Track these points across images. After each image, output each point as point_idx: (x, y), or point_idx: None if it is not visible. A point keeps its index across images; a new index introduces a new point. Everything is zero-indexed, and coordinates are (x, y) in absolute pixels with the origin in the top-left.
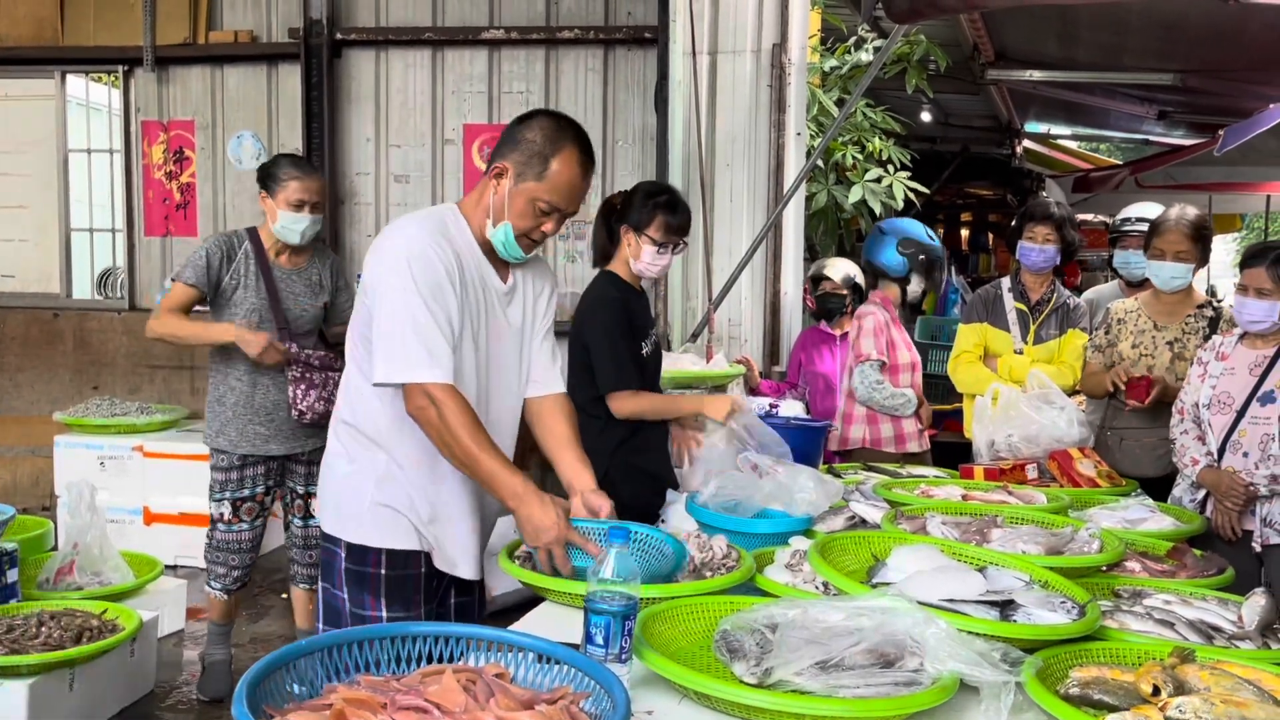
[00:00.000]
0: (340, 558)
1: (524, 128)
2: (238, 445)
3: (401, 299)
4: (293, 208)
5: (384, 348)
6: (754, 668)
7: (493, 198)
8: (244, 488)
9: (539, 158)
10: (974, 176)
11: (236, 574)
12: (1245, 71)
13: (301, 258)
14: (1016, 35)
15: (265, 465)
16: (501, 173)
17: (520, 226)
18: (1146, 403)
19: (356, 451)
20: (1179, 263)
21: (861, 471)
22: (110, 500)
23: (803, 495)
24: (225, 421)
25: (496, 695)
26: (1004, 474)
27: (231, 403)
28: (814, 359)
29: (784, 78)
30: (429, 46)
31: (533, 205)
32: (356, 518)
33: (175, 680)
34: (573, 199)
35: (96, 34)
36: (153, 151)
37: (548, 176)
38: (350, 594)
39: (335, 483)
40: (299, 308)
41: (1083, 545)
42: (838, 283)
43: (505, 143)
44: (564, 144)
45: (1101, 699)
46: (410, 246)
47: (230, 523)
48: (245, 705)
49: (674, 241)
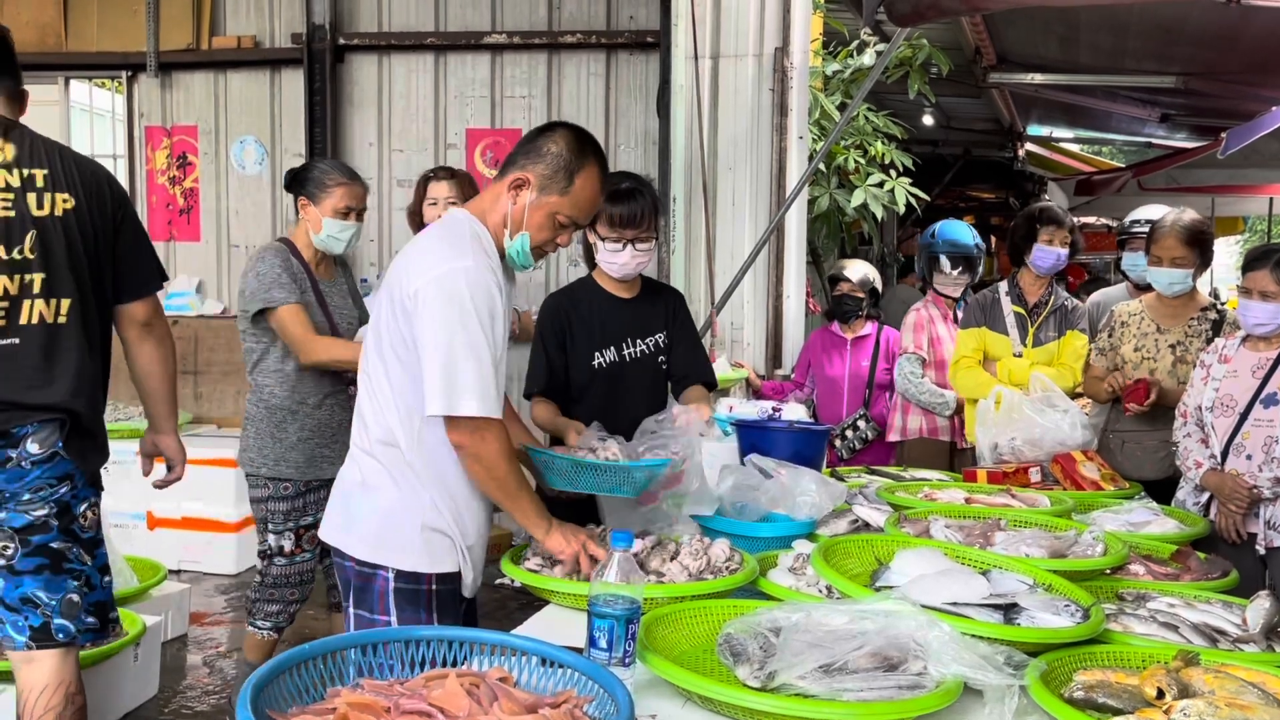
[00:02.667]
0: (387, 581)
1: (546, 140)
2: (304, 472)
3: (463, 333)
4: (339, 215)
5: (443, 377)
6: (757, 671)
7: (511, 208)
8: (307, 514)
9: (564, 173)
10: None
11: (294, 608)
12: (1247, 74)
13: (332, 269)
14: (1018, 38)
15: (326, 489)
16: (522, 184)
17: (539, 239)
18: (1145, 405)
19: (403, 475)
20: (1176, 269)
21: (864, 475)
22: (114, 505)
23: (805, 499)
24: (288, 447)
25: (500, 699)
26: (1007, 477)
27: (296, 428)
28: (823, 363)
29: (786, 82)
30: (431, 51)
31: (553, 219)
32: (406, 545)
33: (178, 685)
34: (591, 214)
35: (100, 39)
36: (156, 157)
37: (571, 192)
38: (401, 615)
39: (377, 509)
40: (345, 321)
41: (1086, 548)
42: (855, 284)
43: (526, 154)
44: (588, 160)
45: (1106, 702)
46: (470, 280)
47: (293, 555)
48: (250, 709)
49: (625, 236)
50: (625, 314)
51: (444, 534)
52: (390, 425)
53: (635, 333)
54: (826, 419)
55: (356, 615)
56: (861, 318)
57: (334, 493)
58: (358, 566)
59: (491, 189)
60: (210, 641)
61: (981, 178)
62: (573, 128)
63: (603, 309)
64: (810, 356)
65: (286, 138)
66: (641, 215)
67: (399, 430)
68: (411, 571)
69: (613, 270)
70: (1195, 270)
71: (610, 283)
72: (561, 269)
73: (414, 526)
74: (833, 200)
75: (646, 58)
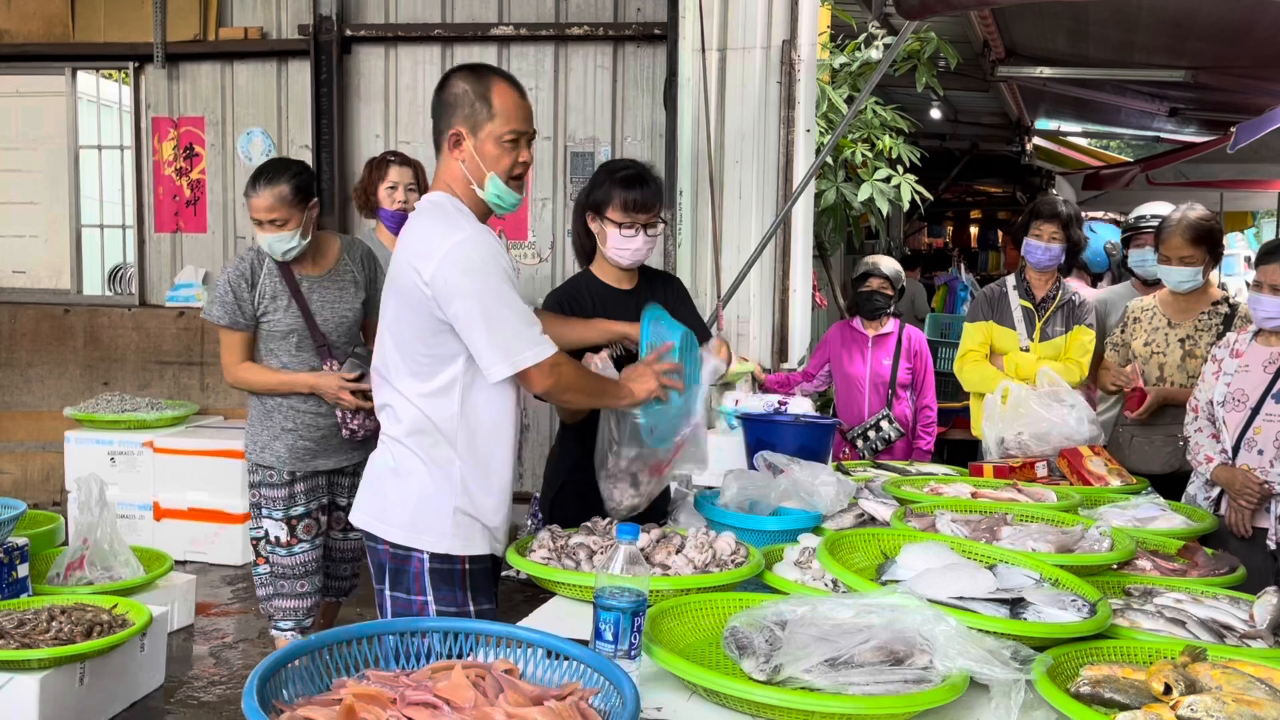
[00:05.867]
0: (423, 563)
1: (446, 91)
2: (286, 462)
3: (490, 294)
4: (259, 227)
5: (492, 343)
6: (763, 664)
7: (465, 165)
8: (296, 504)
9: (480, 101)
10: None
11: (310, 604)
12: (1257, 68)
13: (327, 259)
14: (1027, 32)
15: (314, 480)
16: (458, 137)
17: (501, 168)
18: (1139, 413)
19: (435, 462)
20: (1185, 267)
21: (870, 469)
22: (120, 495)
23: (826, 490)
24: (273, 437)
25: (506, 691)
26: (1014, 472)
27: (279, 419)
28: (843, 359)
29: (794, 74)
30: (438, 43)
31: (500, 144)
32: (439, 529)
33: (184, 675)
34: (528, 118)
35: (107, 30)
36: (163, 148)
37: (495, 110)
38: (438, 594)
39: (410, 494)
40: (337, 316)
41: (1093, 543)
42: (887, 280)
43: (440, 114)
44: (489, 78)
45: (1113, 697)
46: (474, 247)
47: (290, 545)
48: (256, 700)
49: (639, 221)
50: (630, 304)
51: (474, 518)
52: (417, 414)
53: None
54: (846, 418)
55: (393, 597)
56: (887, 315)
57: (365, 479)
58: (392, 550)
59: (441, 164)
60: (216, 632)
61: (989, 172)
62: (462, 66)
63: (606, 302)
64: (829, 352)
65: (293, 129)
66: (653, 200)
67: (429, 417)
68: (445, 554)
69: (623, 257)
70: (1205, 266)
71: (612, 275)
72: (569, 266)
73: (446, 512)
74: (839, 194)
75: (654, 50)
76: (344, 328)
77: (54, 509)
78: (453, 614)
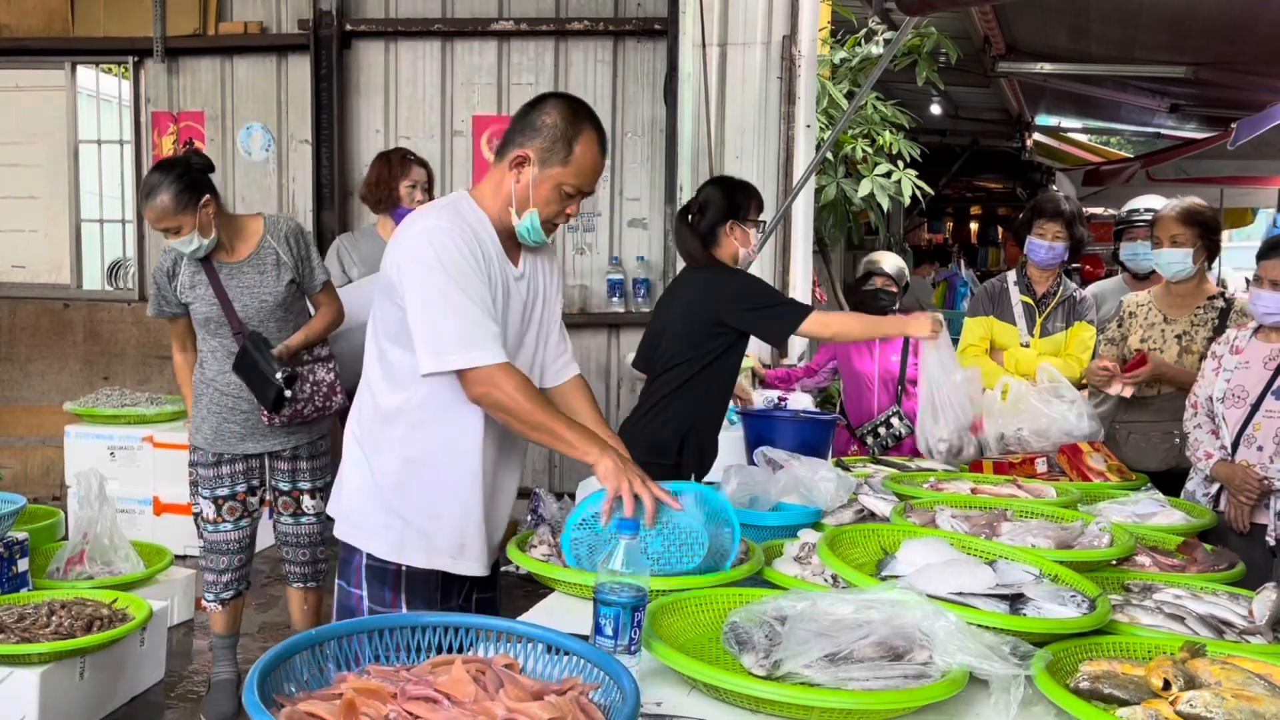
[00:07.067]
0: (361, 554)
1: (539, 113)
2: (213, 444)
3: (436, 286)
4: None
5: (426, 336)
6: (763, 660)
7: (514, 187)
8: (222, 485)
9: (563, 143)
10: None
11: (226, 579)
12: (1258, 64)
13: (245, 245)
14: (1027, 28)
15: (244, 463)
16: (523, 161)
17: (547, 213)
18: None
19: (377, 459)
20: (1176, 248)
21: (870, 465)
22: (120, 490)
23: (827, 485)
24: (202, 419)
25: (506, 686)
26: (1013, 468)
27: (206, 401)
28: (852, 357)
29: (794, 70)
30: (438, 38)
31: (559, 190)
32: (368, 526)
33: (185, 669)
34: (595, 180)
35: (106, 25)
36: (163, 142)
37: (573, 161)
38: (370, 591)
39: (354, 488)
40: (257, 300)
41: (1093, 539)
42: (891, 277)
43: (522, 131)
44: (584, 127)
45: (1112, 693)
46: (432, 234)
47: (216, 523)
48: (256, 694)
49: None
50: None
51: (417, 529)
52: (373, 410)
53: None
54: (855, 415)
55: (339, 585)
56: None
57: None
58: (343, 540)
59: (493, 173)
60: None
61: (989, 168)
62: (565, 97)
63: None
64: (836, 349)
65: (293, 124)
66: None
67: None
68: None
69: (755, 254)
70: (1197, 252)
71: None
72: (569, 260)
73: (378, 515)
74: (840, 189)
75: (654, 45)
76: (265, 310)
77: (54, 504)
78: (381, 614)
